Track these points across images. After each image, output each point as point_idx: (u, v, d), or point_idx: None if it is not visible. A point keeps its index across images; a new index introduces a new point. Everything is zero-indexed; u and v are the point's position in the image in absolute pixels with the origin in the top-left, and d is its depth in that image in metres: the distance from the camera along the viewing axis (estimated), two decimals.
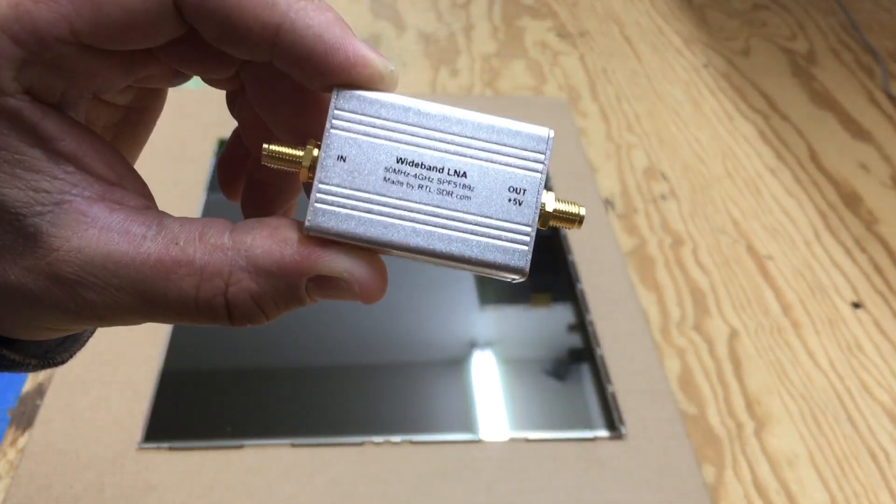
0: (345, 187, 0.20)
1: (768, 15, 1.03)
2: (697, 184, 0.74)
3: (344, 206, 0.20)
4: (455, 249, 0.21)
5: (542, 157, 0.21)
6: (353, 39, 0.20)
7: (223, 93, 0.26)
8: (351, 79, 0.20)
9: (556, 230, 0.66)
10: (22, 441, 0.48)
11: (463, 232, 0.21)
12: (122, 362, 0.53)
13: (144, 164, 0.25)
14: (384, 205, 0.20)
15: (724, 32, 0.98)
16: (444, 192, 0.21)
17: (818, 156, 0.79)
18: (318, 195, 0.20)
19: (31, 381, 0.52)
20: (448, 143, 0.21)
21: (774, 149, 0.79)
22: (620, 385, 0.54)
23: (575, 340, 0.58)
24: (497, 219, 0.21)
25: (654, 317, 0.61)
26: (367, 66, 0.20)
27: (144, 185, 0.22)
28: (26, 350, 0.22)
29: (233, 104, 0.26)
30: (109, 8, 0.18)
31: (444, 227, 0.21)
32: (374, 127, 0.21)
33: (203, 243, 0.20)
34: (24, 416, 0.50)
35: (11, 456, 0.48)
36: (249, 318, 0.20)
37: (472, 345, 0.57)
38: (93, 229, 0.19)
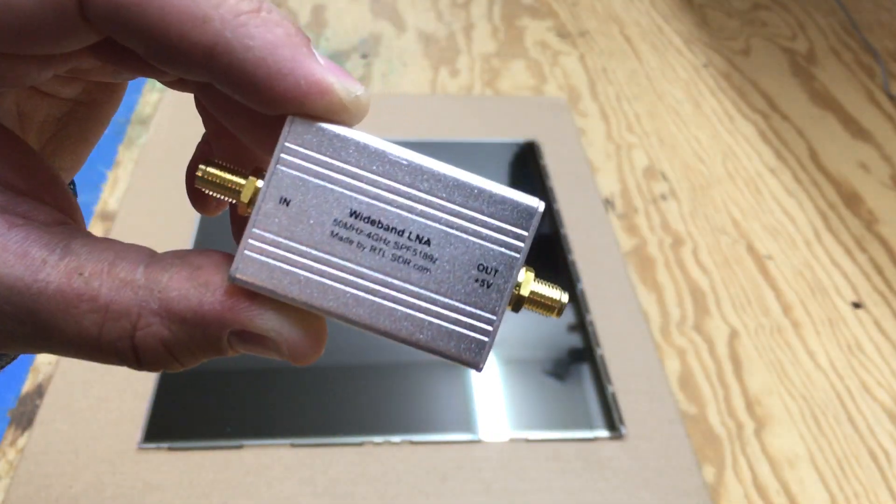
0: (283, 237, 0.17)
1: (768, 15, 1.02)
2: (697, 184, 0.74)
3: (279, 259, 0.17)
4: (400, 329, 0.18)
5: (524, 234, 0.18)
6: (306, 61, 0.17)
7: None
8: (305, 109, 0.17)
9: (556, 228, 0.66)
10: (21, 441, 0.48)
11: (414, 310, 0.18)
12: None
13: (145, 167, 0.25)
14: (326, 264, 0.17)
15: (725, 32, 0.98)
16: (400, 260, 0.18)
17: (818, 156, 0.79)
18: (250, 241, 0.17)
19: (30, 381, 0.52)
20: (415, 200, 0.18)
21: (774, 149, 0.79)
22: (620, 385, 0.54)
23: (575, 340, 0.58)
24: (457, 300, 0.18)
25: (654, 317, 0.61)
26: (323, 93, 0.17)
27: (67, 195, 0.19)
28: None
29: (199, 107, 0.23)
30: (2, 14, 0.16)
31: (392, 300, 0.18)
32: (329, 169, 0.17)
33: (111, 276, 0.17)
34: (24, 416, 0.50)
35: (11, 456, 0.48)
36: (161, 365, 0.18)
37: None
38: None
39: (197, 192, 0.23)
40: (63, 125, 0.22)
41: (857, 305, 0.63)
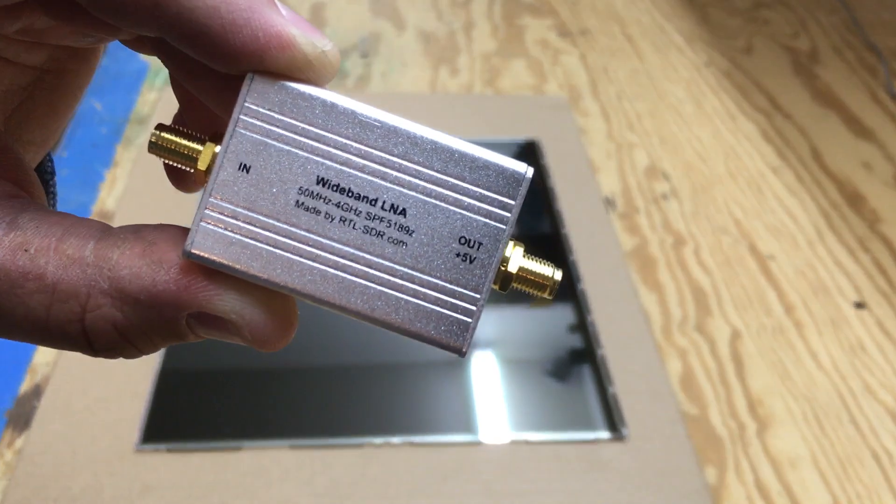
0: (243, 207, 0.16)
1: (770, 13, 1.02)
2: (699, 183, 0.74)
3: (238, 232, 0.16)
4: (374, 309, 0.16)
5: (511, 202, 0.16)
6: (265, 11, 0.15)
7: None
8: (264, 65, 0.15)
9: (556, 227, 0.65)
10: (19, 442, 0.48)
11: (388, 287, 0.16)
12: (120, 363, 0.52)
13: (143, 167, 0.25)
14: (291, 237, 0.16)
15: (726, 31, 0.98)
16: (373, 232, 0.16)
17: (821, 155, 0.79)
18: (207, 212, 0.16)
19: (28, 381, 0.51)
20: (389, 166, 0.16)
21: (777, 148, 0.79)
22: (621, 386, 0.54)
23: (576, 341, 0.57)
24: (437, 277, 0.16)
25: (656, 317, 0.60)
26: (284, 47, 0.15)
27: (22, 167, 0.18)
28: None
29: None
30: None
31: (364, 276, 0.16)
32: (293, 132, 0.16)
33: (58, 253, 0.16)
34: (22, 417, 0.49)
35: (9, 457, 0.47)
36: (116, 351, 0.17)
37: (473, 345, 0.57)
38: None
39: (171, 166, 0.22)
40: (29, 95, 0.20)
41: (859, 306, 0.63)
